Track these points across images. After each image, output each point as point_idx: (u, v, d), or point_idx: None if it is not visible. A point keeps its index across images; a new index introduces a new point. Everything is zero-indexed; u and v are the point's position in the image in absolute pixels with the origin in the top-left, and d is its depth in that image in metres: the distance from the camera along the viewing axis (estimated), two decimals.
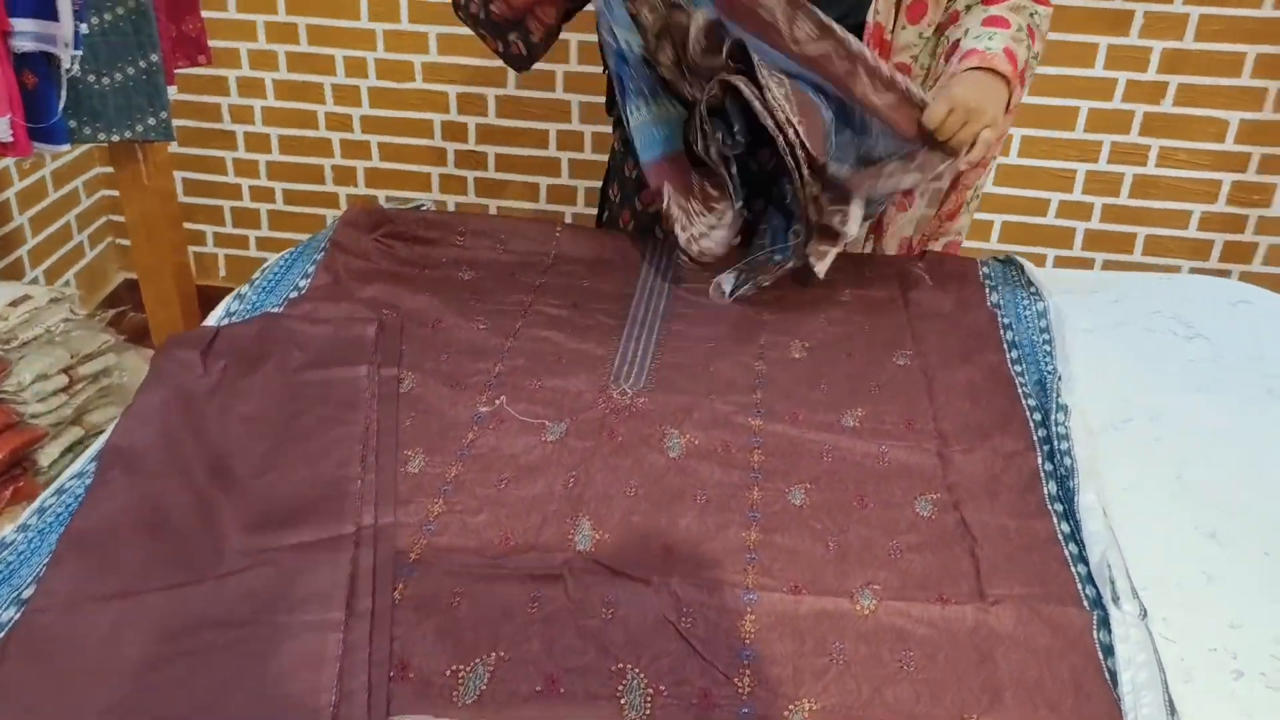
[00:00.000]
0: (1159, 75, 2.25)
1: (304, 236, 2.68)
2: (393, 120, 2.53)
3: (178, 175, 2.59)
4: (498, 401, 1.15)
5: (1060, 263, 2.48)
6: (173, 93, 1.77)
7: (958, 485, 1.05)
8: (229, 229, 2.70)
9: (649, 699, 0.82)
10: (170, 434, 1.07)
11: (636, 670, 0.85)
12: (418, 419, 1.13)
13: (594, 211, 2.67)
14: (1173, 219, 2.40)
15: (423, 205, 1.56)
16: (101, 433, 1.11)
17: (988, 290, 1.38)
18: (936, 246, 1.48)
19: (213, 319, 1.32)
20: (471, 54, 2.43)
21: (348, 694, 0.81)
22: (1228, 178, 2.35)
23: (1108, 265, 2.47)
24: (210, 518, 0.98)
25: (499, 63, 2.44)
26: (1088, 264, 2.48)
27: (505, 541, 0.97)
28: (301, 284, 1.38)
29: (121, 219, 2.61)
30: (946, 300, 1.35)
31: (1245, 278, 2.43)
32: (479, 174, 2.59)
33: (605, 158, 2.50)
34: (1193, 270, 2.46)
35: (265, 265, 1.42)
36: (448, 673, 0.84)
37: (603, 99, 1.55)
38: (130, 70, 1.68)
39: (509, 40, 1.37)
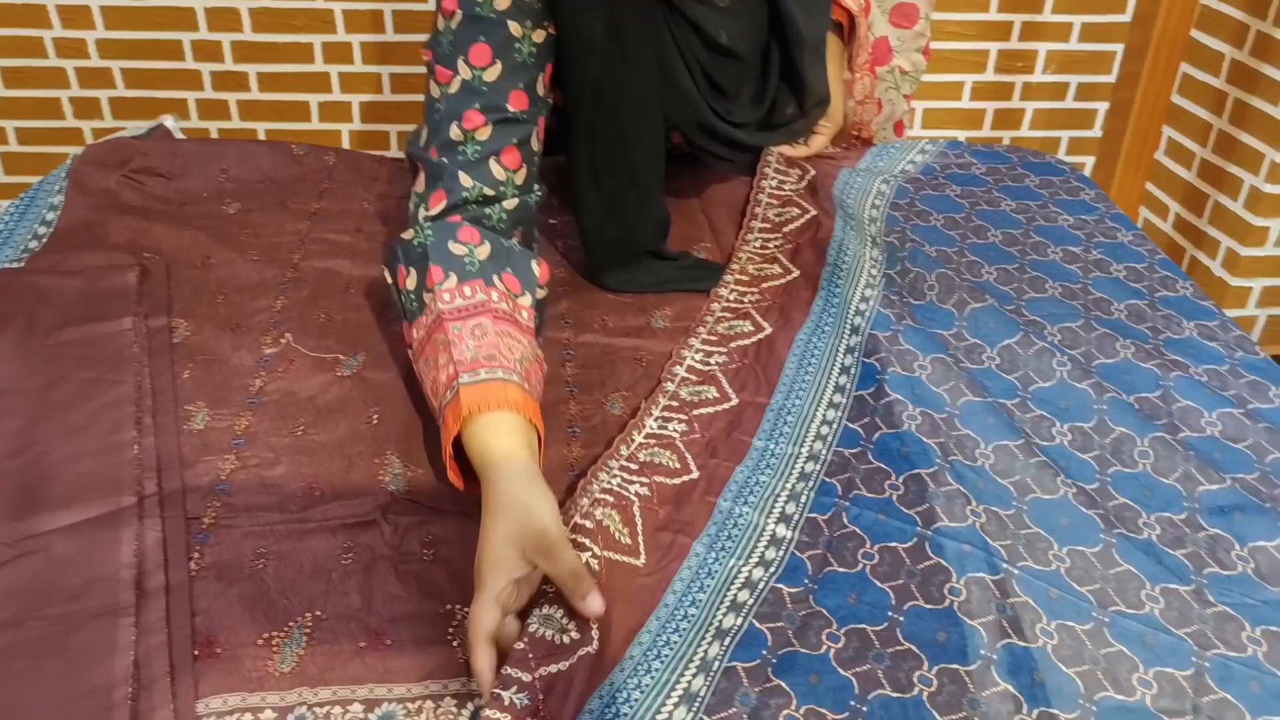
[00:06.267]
0: None
1: None
2: (135, 43, 2.29)
3: None
4: (284, 339, 1.06)
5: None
6: None
7: None
8: None
9: None
10: None
11: (465, 610, 0.80)
12: (197, 370, 1.03)
13: (373, 127, 2.54)
14: (947, 91, 2.47)
15: (163, 121, 1.41)
16: None
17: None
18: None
19: None
20: None
21: (147, 683, 0.73)
22: (994, 47, 2.42)
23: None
24: None
25: None
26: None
27: (309, 493, 0.90)
28: (42, 232, 1.22)
29: None
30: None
31: (1016, 142, 2.54)
32: (241, 96, 2.39)
33: (376, 69, 2.37)
34: (969, 139, 2.55)
35: None
36: (260, 642, 0.77)
37: (360, 4, 1.41)
38: None
39: None
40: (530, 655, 0.72)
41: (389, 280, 1.02)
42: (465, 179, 1.01)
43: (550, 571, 0.76)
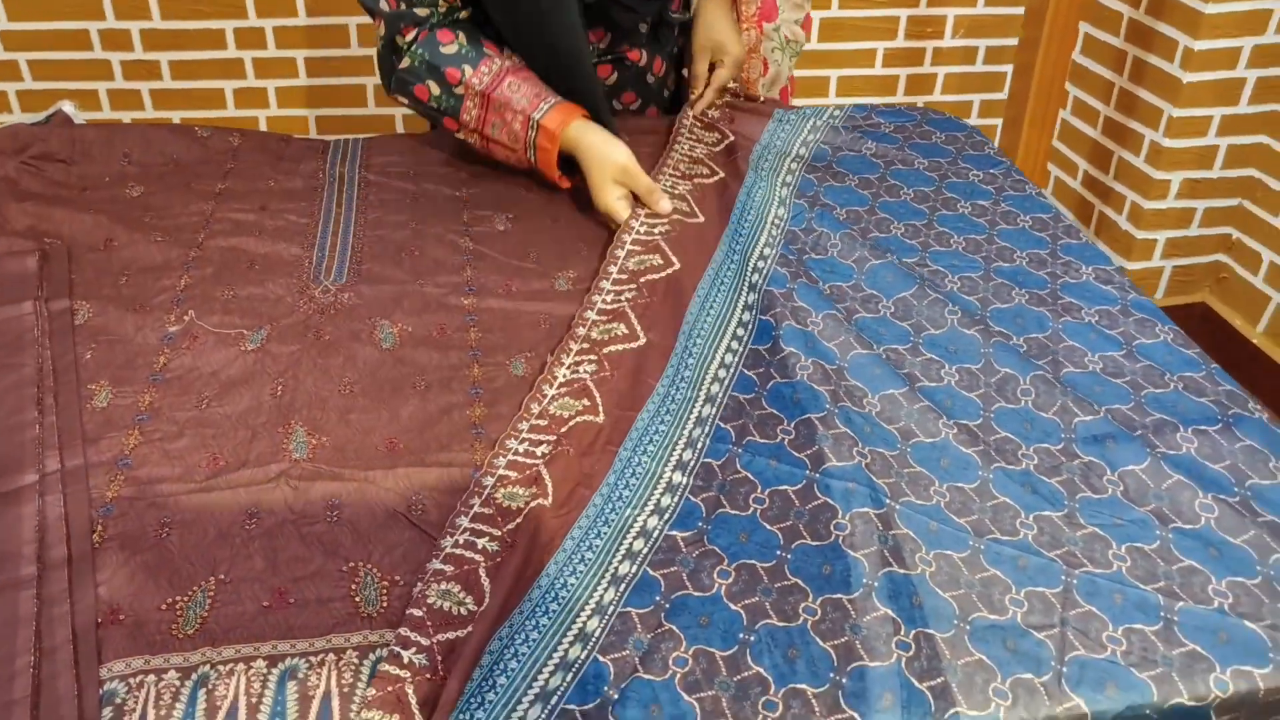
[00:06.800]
0: None
1: None
2: (41, 33, 2.26)
3: None
4: (187, 317, 1.07)
5: None
6: None
7: None
8: None
9: (384, 591, 0.80)
10: None
11: (368, 566, 0.82)
12: (100, 350, 1.04)
13: (291, 112, 2.52)
14: (860, 59, 2.51)
15: (61, 107, 1.40)
16: None
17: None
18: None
19: None
20: None
21: (49, 651, 0.74)
22: (903, 13, 2.47)
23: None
24: None
25: None
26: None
27: (213, 463, 0.91)
28: None
29: None
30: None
31: (929, 106, 2.59)
32: (154, 85, 2.37)
33: (290, 53, 2.36)
34: (883, 105, 2.59)
35: None
36: (163, 607, 0.78)
37: None
38: None
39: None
40: (429, 624, 0.76)
41: (405, 102, 1.31)
42: (422, 11, 1.26)
43: (632, 187, 1.22)
